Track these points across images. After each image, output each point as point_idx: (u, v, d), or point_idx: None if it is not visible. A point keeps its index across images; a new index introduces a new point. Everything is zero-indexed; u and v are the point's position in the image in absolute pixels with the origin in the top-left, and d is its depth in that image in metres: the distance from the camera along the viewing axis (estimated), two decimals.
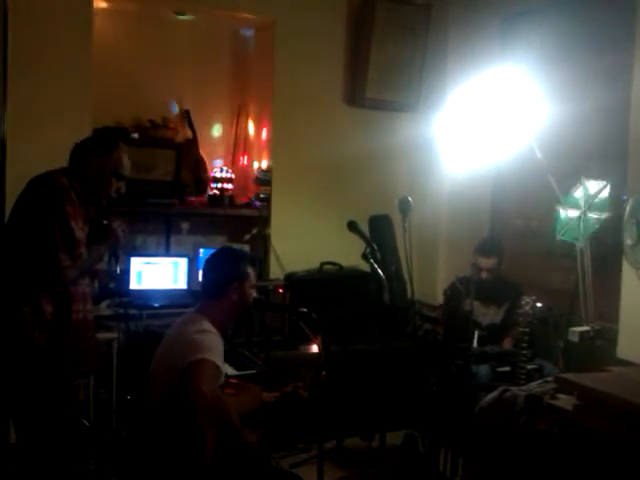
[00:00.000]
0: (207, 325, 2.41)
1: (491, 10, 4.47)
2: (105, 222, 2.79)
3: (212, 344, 2.35)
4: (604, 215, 3.34)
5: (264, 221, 4.78)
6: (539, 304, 3.37)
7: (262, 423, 2.43)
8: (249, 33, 5.12)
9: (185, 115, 4.92)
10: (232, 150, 5.22)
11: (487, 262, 3.89)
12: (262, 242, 4.75)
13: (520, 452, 2.78)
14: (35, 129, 3.93)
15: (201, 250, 4.43)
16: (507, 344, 3.79)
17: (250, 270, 2.57)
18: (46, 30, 3.99)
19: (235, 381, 2.64)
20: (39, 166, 2.70)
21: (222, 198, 4.83)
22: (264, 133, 4.95)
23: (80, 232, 2.61)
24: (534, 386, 2.96)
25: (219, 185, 4.87)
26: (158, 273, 4.24)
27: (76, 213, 2.61)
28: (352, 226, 2.66)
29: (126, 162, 2.81)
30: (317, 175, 4.80)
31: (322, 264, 4.37)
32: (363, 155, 4.88)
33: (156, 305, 4.05)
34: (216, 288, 2.51)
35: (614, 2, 3.69)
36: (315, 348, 2.60)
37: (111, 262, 2.90)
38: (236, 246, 4.34)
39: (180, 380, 2.22)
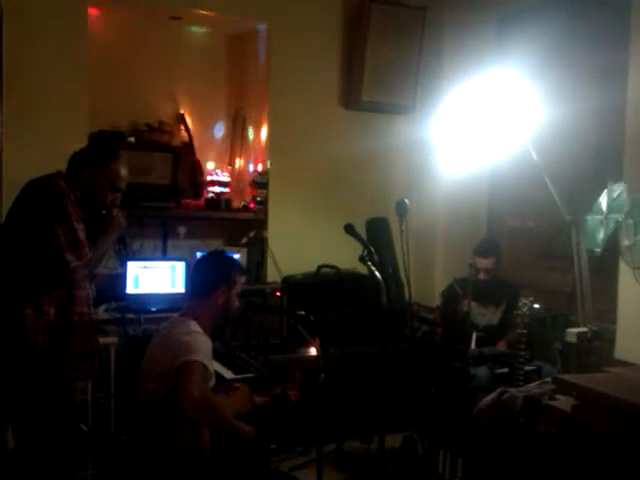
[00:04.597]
0: (194, 326, 2.45)
1: (486, 11, 4.47)
2: (104, 212, 2.76)
3: (199, 345, 2.38)
4: (621, 216, 3.27)
5: (261, 224, 4.77)
6: (537, 305, 3.38)
7: (255, 424, 2.44)
8: (245, 36, 5.12)
9: (181, 119, 4.92)
10: (229, 153, 5.22)
11: (485, 262, 3.89)
12: (259, 245, 4.74)
13: (519, 453, 2.78)
14: (31, 133, 3.92)
15: (198, 254, 4.42)
16: (501, 347, 3.79)
17: (239, 278, 2.61)
18: (42, 34, 3.99)
19: (225, 383, 2.66)
20: (35, 170, 2.68)
21: (219, 201, 4.82)
22: (261, 136, 4.94)
23: (82, 233, 2.60)
24: (532, 387, 2.96)
25: (216, 188, 4.86)
26: (155, 277, 4.23)
27: (77, 214, 2.60)
28: (349, 229, 2.66)
29: (124, 174, 2.77)
30: (314, 178, 4.81)
31: (319, 267, 4.37)
32: (360, 157, 4.88)
33: (154, 309, 4.04)
34: (205, 287, 2.55)
35: (609, 2, 3.69)
36: (313, 351, 2.60)
37: (120, 249, 2.88)
38: (231, 250, 4.34)
39: (172, 382, 2.26)
